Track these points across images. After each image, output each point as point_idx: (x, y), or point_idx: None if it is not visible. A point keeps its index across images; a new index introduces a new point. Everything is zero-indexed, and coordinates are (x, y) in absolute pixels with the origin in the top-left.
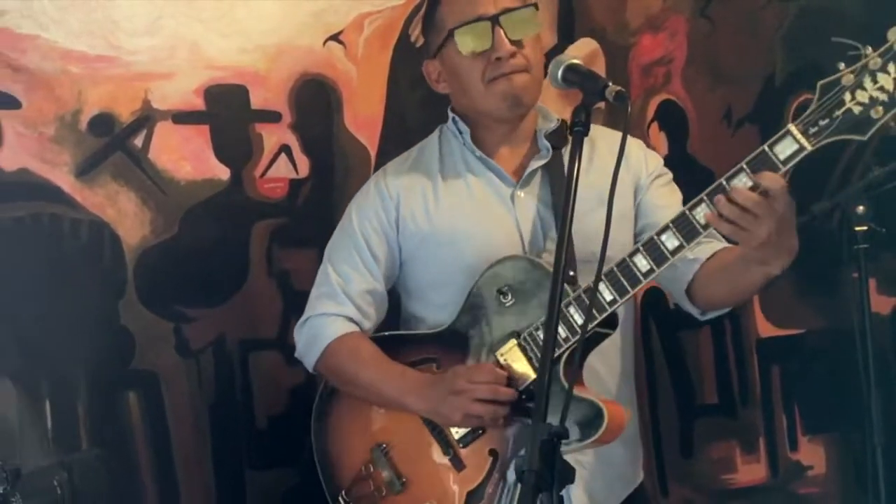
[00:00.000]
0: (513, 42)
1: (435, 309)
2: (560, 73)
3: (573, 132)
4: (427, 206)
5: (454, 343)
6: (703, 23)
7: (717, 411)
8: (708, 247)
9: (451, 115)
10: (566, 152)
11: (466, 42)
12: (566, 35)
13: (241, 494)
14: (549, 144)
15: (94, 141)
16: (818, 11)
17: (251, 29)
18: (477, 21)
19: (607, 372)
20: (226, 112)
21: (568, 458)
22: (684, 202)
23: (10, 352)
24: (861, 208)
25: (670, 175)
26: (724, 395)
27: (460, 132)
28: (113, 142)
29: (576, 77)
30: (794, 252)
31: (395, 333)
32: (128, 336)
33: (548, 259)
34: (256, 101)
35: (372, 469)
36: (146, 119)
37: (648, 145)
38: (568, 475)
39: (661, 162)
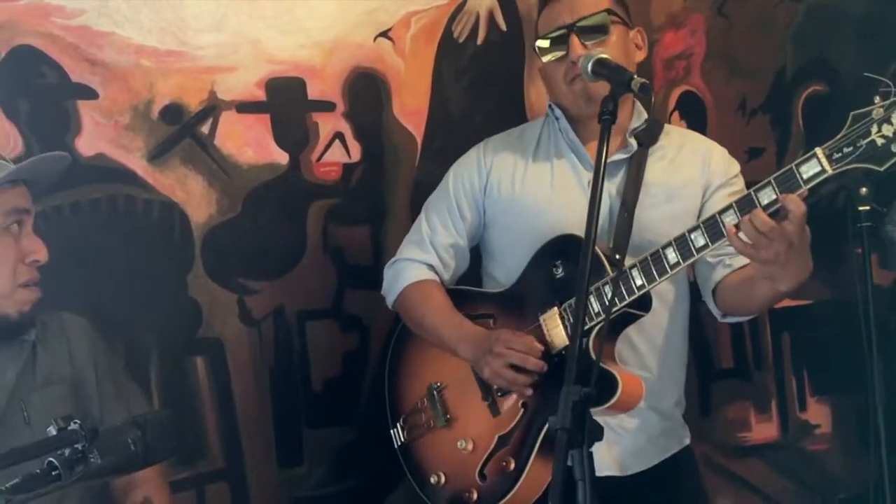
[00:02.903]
0: (586, 47)
1: (506, 270)
2: (590, 66)
3: (601, 120)
4: (514, 179)
5: (510, 304)
6: (720, 21)
7: (733, 375)
8: (740, 258)
9: (549, 103)
10: (653, 151)
11: (545, 50)
12: None
13: (299, 451)
14: (633, 142)
15: (164, 129)
16: (825, 10)
17: (309, 26)
18: (556, 30)
19: (648, 350)
20: (285, 102)
21: (598, 419)
22: None
23: (88, 320)
24: (864, 190)
25: (741, 186)
26: (739, 360)
27: (556, 117)
28: (182, 129)
29: (604, 70)
30: (805, 273)
31: (464, 288)
32: (195, 306)
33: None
34: (313, 92)
35: (426, 403)
36: (212, 109)
37: None
38: (597, 433)
39: (738, 171)
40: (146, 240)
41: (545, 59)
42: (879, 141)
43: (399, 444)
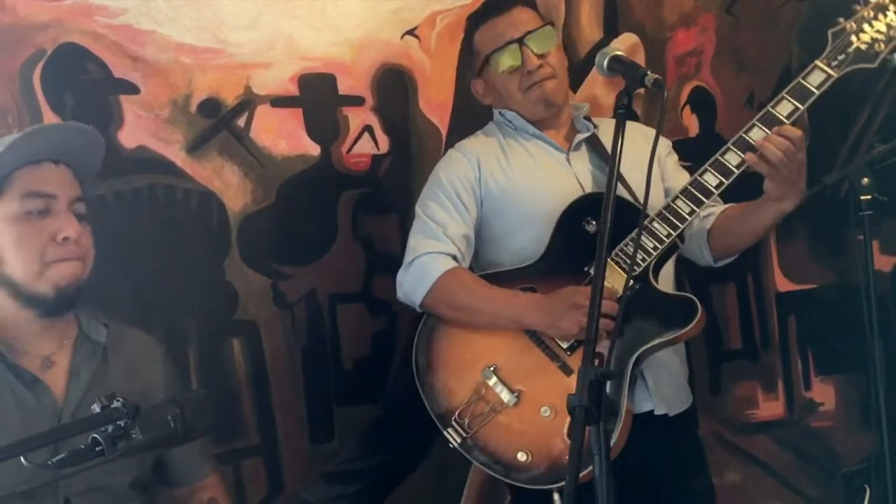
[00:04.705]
0: (538, 56)
1: (512, 252)
2: (606, 62)
3: (617, 114)
4: (502, 166)
5: (548, 270)
6: (729, 19)
7: (741, 355)
8: (720, 206)
9: (496, 111)
10: (598, 130)
11: (501, 62)
12: (611, 30)
13: (330, 427)
14: (588, 124)
15: (202, 122)
16: (829, 9)
17: (339, 25)
18: (507, 45)
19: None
20: (317, 97)
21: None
22: None
23: (130, 304)
24: (866, 180)
25: (676, 156)
26: (747, 341)
27: (509, 120)
28: (219, 123)
29: (619, 66)
30: (803, 193)
31: (492, 272)
32: (232, 290)
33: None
34: (343, 87)
35: (484, 390)
36: (248, 103)
37: (682, 126)
38: (614, 410)
39: (670, 144)
40: (185, 227)
41: (502, 70)
42: (863, 46)
43: (458, 442)
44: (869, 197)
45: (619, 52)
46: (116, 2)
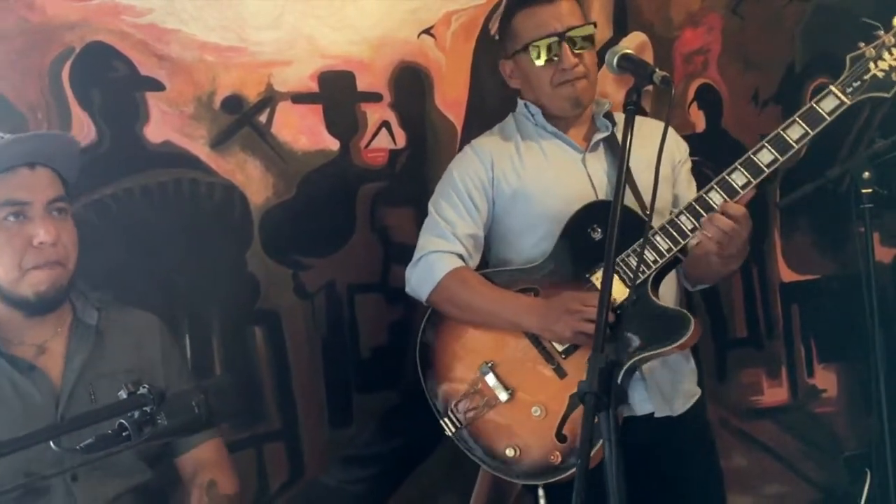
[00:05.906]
0: (576, 54)
1: (522, 252)
2: (615, 60)
3: (626, 110)
4: (515, 167)
5: (551, 274)
6: (735, 19)
7: (746, 343)
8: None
9: (521, 101)
10: (617, 127)
11: (539, 54)
12: (620, 29)
13: (349, 413)
14: (608, 123)
15: (226, 118)
16: (832, 9)
17: (358, 24)
18: (549, 37)
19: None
20: (336, 94)
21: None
22: (717, 167)
23: (155, 294)
24: (867, 174)
25: (690, 163)
26: (752, 329)
27: (532, 114)
28: (242, 119)
29: (628, 64)
30: (745, 256)
31: (497, 270)
32: (254, 281)
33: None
34: (362, 84)
35: (480, 385)
36: (269, 100)
37: (689, 122)
38: (622, 397)
39: (688, 149)
40: (208, 220)
41: (538, 63)
42: (880, 74)
43: (453, 431)
44: (870, 190)
45: (628, 51)
46: (142, 1)
